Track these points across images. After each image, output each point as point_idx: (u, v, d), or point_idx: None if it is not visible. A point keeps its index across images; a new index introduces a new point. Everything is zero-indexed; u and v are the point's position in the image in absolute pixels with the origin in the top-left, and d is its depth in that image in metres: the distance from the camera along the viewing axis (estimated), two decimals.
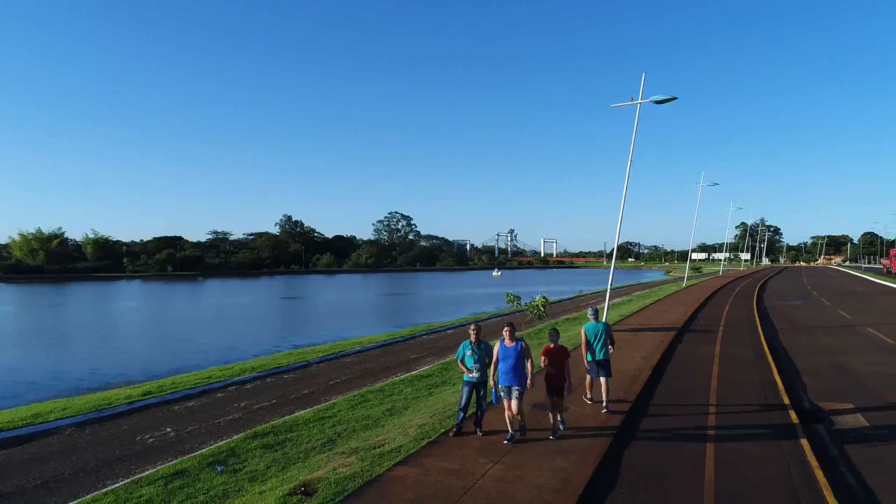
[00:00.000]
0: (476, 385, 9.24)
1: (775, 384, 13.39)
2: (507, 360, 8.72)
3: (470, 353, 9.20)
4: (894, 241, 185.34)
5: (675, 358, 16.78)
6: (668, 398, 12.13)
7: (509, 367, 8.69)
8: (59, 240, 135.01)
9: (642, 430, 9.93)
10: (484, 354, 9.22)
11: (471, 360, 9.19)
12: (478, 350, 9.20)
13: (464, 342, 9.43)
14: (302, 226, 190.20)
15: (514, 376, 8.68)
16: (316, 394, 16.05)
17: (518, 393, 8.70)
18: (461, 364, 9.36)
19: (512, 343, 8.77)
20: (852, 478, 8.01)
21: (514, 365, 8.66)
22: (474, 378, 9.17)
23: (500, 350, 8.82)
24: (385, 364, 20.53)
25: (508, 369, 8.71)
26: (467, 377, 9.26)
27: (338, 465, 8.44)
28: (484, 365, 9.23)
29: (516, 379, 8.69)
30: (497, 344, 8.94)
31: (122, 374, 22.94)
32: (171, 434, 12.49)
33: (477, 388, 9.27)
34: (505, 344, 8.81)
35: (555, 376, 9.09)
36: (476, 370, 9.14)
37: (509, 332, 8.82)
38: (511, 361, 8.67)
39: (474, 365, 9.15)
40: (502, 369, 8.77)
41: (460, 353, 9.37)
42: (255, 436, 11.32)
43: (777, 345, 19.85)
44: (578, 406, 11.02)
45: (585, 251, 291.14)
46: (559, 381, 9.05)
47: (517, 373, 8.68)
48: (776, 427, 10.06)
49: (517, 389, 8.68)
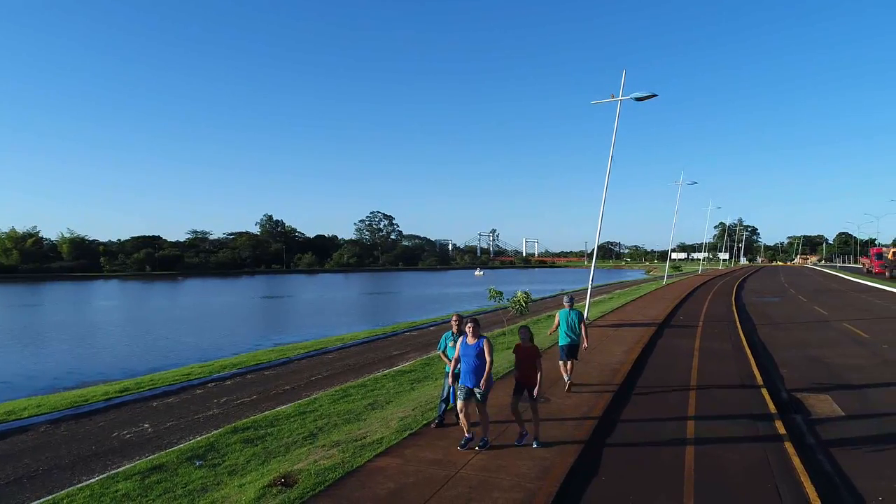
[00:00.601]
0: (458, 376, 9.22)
1: (753, 376, 13.56)
2: (468, 358, 8.11)
3: (452, 343, 9.19)
4: (867, 241, 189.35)
5: (656, 351, 16.92)
6: (648, 389, 12.21)
7: (470, 366, 8.07)
8: (33, 239, 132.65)
9: (623, 419, 9.99)
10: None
11: (453, 350, 9.18)
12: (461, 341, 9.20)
13: (446, 333, 9.42)
14: (283, 225, 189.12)
15: (473, 375, 8.09)
16: (297, 389, 15.93)
17: (480, 395, 8.14)
18: (443, 355, 9.35)
19: (474, 340, 8.17)
20: (829, 464, 8.12)
21: (474, 363, 8.05)
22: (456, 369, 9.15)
23: (462, 347, 8.23)
24: (367, 360, 20.44)
25: (470, 368, 8.08)
26: (448, 368, 9.24)
27: (319, 457, 8.37)
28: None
29: (476, 378, 8.09)
30: (459, 341, 8.37)
31: (100, 373, 22.56)
32: (148, 430, 12.30)
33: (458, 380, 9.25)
34: (467, 341, 8.21)
35: (525, 376, 8.52)
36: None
37: (472, 328, 8.22)
38: (472, 360, 8.07)
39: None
40: (463, 368, 8.16)
41: (442, 343, 9.37)
42: (235, 430, 11.19)
43: (755, 339, 20.11)
44: (560, 398, 11.05)
45: (567, 251, 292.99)
46: (530, 381, 8.47)
47: (479, 372, 8.08)
48: (754, 416, 10.17)
49: (478, 390, 8.12)
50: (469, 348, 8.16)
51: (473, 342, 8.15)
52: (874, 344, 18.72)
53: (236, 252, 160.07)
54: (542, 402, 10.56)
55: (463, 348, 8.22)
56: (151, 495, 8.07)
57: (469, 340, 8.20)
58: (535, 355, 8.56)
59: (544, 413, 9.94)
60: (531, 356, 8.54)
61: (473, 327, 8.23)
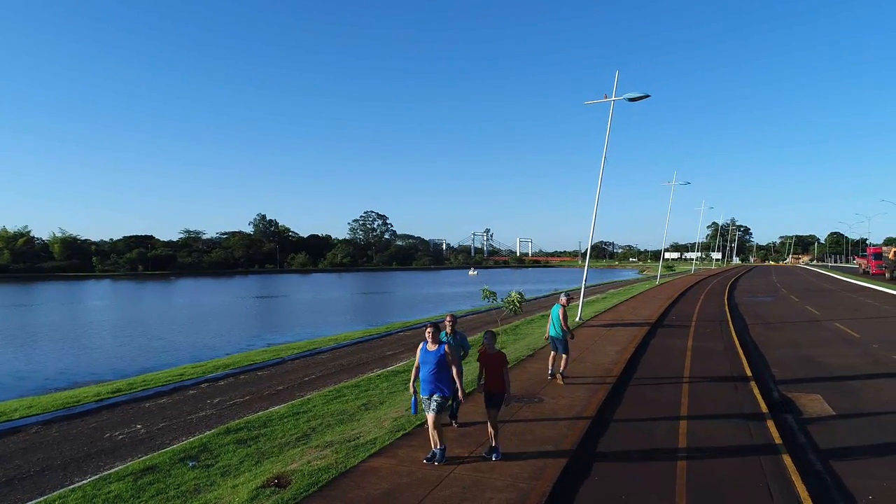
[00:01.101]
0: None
1: (745, 376, 13.62)
2: (427, 365, 7.61)
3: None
4: (859, 241, 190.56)
5: (649, 351, 16.99)
6: (641, 389, 12.26)
7: (429, 373, 7.56)
8: (24, 238, 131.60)
9: (616, 419, 10.02)
10: (459, 345, 9.22)
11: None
12: (453, 341, 9.21)
13: (440, 333, 9.43)
14: (276, 225, 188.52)
15: (434, 384, 7.56)
16: (290, 389, 15.89)
17: (436, 404, 7.55)
18: None
19: (434, 346, 7.68)
20: (820, 464, 8.18)
21: (435, 371, 7.54)
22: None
23: (421, 354, 7.73)
24: (360, 360, 20.41)
25: (428, 376, 7.57)
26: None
27: (312, 457, 8.36)
28: (459, 356, 9.24)
29: (437, 387, 7.57)
30: (419, 347, 7.86)
31: (92, 374, 22.46)
32: (141, 431, 12.24)
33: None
34: (427, 347, 7.71)
35: (491, 385, 7.92)
36: None
37: (431, 333, 7.70)
38: (431, 367, 7.56)
39: None
40: (422, 376, 7.65)
41: None
42: (228, 431, 11.16)
43: (747, 339, 20.22)
44: (553, 398, 11.08)
45: (561, 251, 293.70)
46: (497, 389, 7.87)
47: (438, 380, 7.56)
48: (746, 416, 10.24)
49: (436, 400, 7.54)
50: (429, 355, 7.67)
51: (434, 348, 7.68)
52: (865, 343, 18.85)
53: (229, 252, 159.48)
54: (535, 403, 10.63)
55: (422, 355, 7.73)
56: (144, 496, 8.04)
57: (429, 346, 7.72)
58: (502, 362, 7.96)
59: (536, 413, 9.98)
60: (498, 363, 7.96)
61: (433, 332, 7.72)
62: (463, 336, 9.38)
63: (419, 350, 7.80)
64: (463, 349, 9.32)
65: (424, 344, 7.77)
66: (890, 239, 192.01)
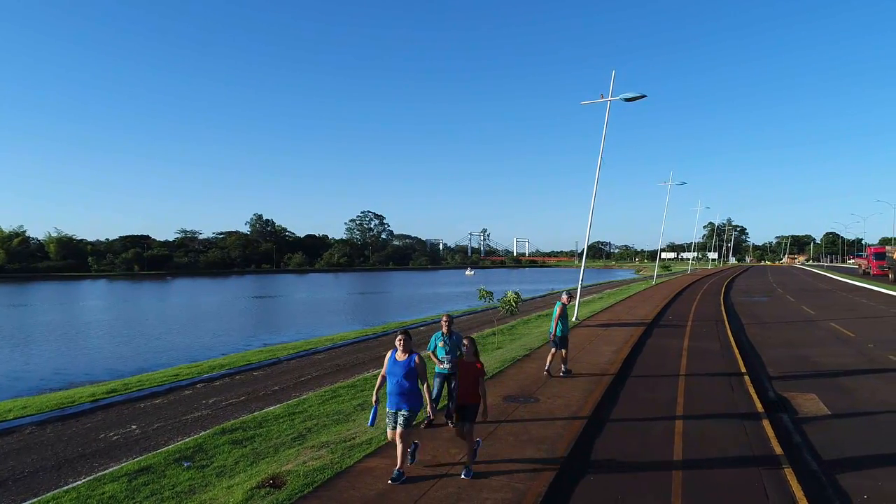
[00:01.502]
0: (447, 377, 9.24)
1: (741, 375, 13.64)
2: (395, 376, 7.00)
3: (441, 344, 9.21)
4: (854, 241, 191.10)
5: (645, 351, 16.99)
6: (637, 389, 12.26)
7: (397, 385, 6.96)
8: (20, 238, 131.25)
9: (613, 419, 10.02)
10: (455, 346, 9.22)
11: (442, 351, 9.19)
12: (449, 341, 9.20)
13: (436, 333, 9.43)
14: (273, 225, 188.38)
15: (401, 397, 6.96)
16: (286, 390, 15.87)
17: (404, 419, 6.93)
18: (432, 355, 9.35)
19: (404, 356, 7.05)
20: (815, 463, 8.19)
21: (402, 383, 6.94)
22: (445, 369, 9.16)
23: (389, 364, 7.11)
24: (357, 360, 20.40)
25: (396, 389, 6.97)
26: (438, 368, 9.26)
27: (308, 458, 8.34)
28: (455, 356, 9.23)
29: (404, 400, 6.95)
30: (387, 355, 7.22)
31: (87, 374, 22.44)
32: (136, 431, 12.21)
33: (448, 380, 9.26)
34: (395, 357, 7.09)
35: (464, 395, 7.27)
36: (447, 361, 9.14)
37: (402, 341, 7.10)
38: (399, 379, 6.95)
39: (446, 356, 9.15)
40: (389, 388, 7.06)
41: (432, 344, 9.37)
42: (223, 431, 11.14)
43: (743, 339, 20.26)
44: (549, 398, 11.07)
45: (557, 251, 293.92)
46: (470, 400, 7.24)
47: (406, 393, 6.96)
48: (742, 416, 10.23)
49: (403, 414, 6.93)
50: (398, 366, 7.04)
51: (403, 358, 7.06)
52: (860, 343, 18.90)
53: (226, 252, 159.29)
54: (531, 403, 10.62)
55: (391, 365, 7.10)
56: (139, 497, 8.01)
57: (398, 356, 7.10)
58: (480, 373, 7.31)
59: (532, 413, 9.97)
60: (475, 373, 7.29)
61: (404, 340, 7.11)
62: (459, 336, 9.37)
63: (387, 359, 7.18)
64: (459, 350, 9.32)
65: (393, 353, 7.15)
66: (885, 239, 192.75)
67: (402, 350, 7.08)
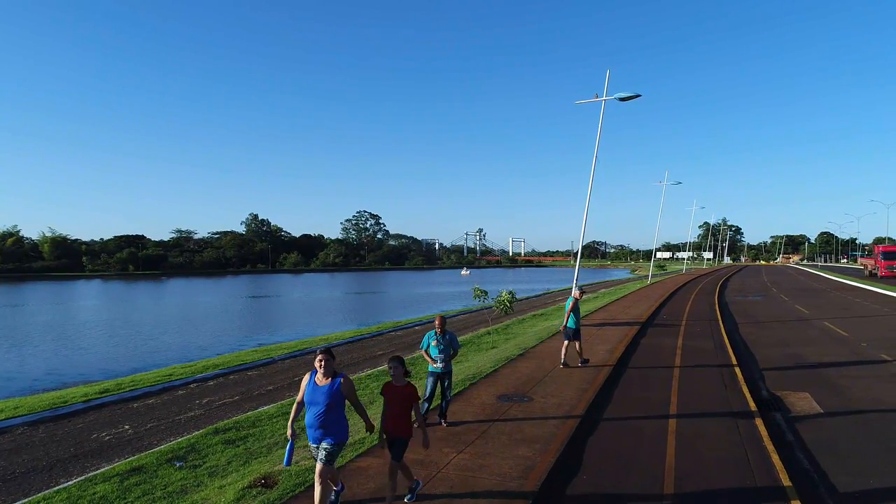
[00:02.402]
0: (440, 376, 9.23)
1: (735, 374, 13.67)
2: (316, 405, 5.74)
3: (435, 343, 9.20)
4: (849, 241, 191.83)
5: (640, 350, 17.02)
6: (632, 388, 12.27)
7: (317, 416, 5.74)
8: (13, 238, 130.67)
9: (606, 418, 10.02)
10: (449, 345, 9.22)
11: (435, 350, 9.18)
12: (442, 340, 9.20)
13: (429, 332, 9.42)
14: (269, 224, 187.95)
15: (323, 429, 5.78)
16: (280, 390, 15.83)
17: (326, 453, 5.76)
18: (426, 354, 9.34)
19: (326, 380, 5.79)
20: (807, 461, 8.21)
21: (325, 413, 5.72)
22: (438, 368, 9.16)
23: (307, 390, 5.82)
24: (352, 360, 20.37)
25: (315, 421, 5.76)
26: (431, 367, 9.25)
27: (300, 457, 8.31)
28: (449, 356, 9.23)
29: (327, 432, 5.79)
30: (305, 379, 5.92)
31: (81, 374, 22.37)
32: (128, 431, 12.16)
33: (441, 379, 9.26)
34: (315, 381, 5.83)
35: (393, 426, 6.24)
36: (441, 360, 9.13)
37: (323, 363, 5.80)
38: (320, 408, 5.72)
39: (439, 355, 9.14)
40: (308, 420, 5.83)
41: (425, 342, 9.36)
42: (216, 431, 11.10)
43: (737, 338, 20.30)
44: (543, 397, 11.07)
45: (553, 250, 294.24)
46: (399, 433, 6.23)
47: (329, 424, 5.77)
48: (735, 414, 10.26)
49: (325, 448, 5.77)
50: (318, 392, 5.77)
51: (325, 383, 5.79)
52: (854, 342, 18.96)
53: (221, 252, 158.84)
54: (525, 402, 10.62)
55: (309, 392, 5.81)
56: (130, 497, 7.97)
57: (319, 380, 5.82)
58: (411, 398, 6.34)
59: (526, 412, 9.96)
60: (405, 398, 6.31)
61: (325, 361, 5.80)
62: (452, 335, 9.37)
63: (304, 384, 5.90)
64: (452, 349, 9.31)
65: (312, 375, 5.89)
66: (879, 238, 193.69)
67: (322, 373, 5.81)
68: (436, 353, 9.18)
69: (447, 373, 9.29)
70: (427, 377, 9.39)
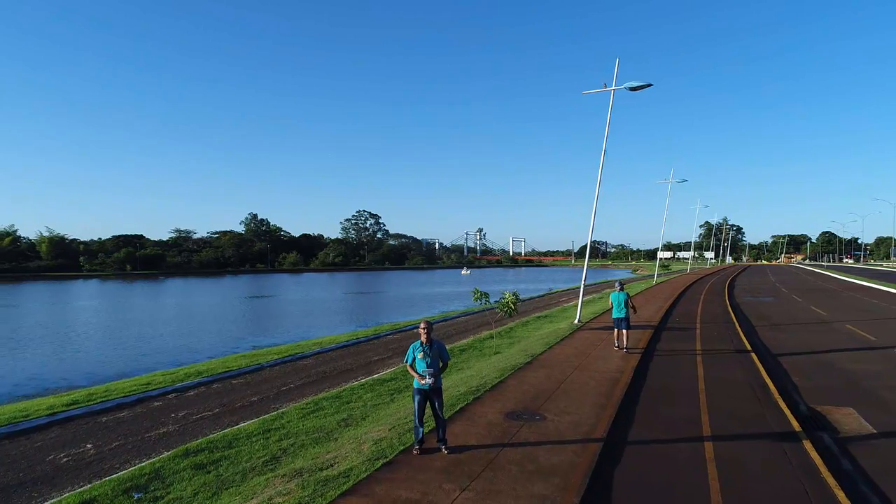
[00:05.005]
0: (429, 393, 7.89)
1: (766, 385, 12.35)
2: None
3: (421, 355, 7.85)
4: (851, 241, 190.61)
5: (656, 357, 15.66)
6: (654, 404, 10.93)
7: None
8: (10, 237, 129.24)
9: (631, 441, 8.70)
10: (437, 356, 7.88)
11: (422, 363, 7.83)
12: (430, 351, 7.85)
13: (413, 343, 8.09)
14: (268, 224, 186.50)
15: None
16: (265, 401, 14.52)
17: None
18: (411, 368, 8.00)
19: None
20: (876, 497, 6.90)
21: None
22: (426, 385, 7.79)
23: None
24: (345, 367, 19.04)
25: None
26: (418, 384, 7.88)
27: (275, 492, 7.04)
28: (438, 369, 7.89)
29: None
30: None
31: (64, 379, 21.19)
32: (90, 452, 10.84)
33: (430, 398, 7.92)
34: None
35: None
36: (429, 375, 7.76)
37: None
38: None
39: (427, 370, 7.77)
40: None
41: (410, 355, 8.03)
42: (186, 453, 9.80)
43: (757, 342, 18.98)
44: (557, 415, 9.75)
45: (553, 250, 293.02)
46: None
47: None
48: (778, 436, 8.94)
49: None
50: None
51: None
52: (884, 347, 17.66)
53: (220, 251, 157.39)
54: (536, 421, 9.30)
55: None
56: None
57: None
58: None
59: (539, 434, 8.62)
60: None
61: None
62: (441, 345, 8.04)
63: None
64: (442, 361, 7.98)
65: None
66: (881, 238, 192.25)
67: None
68: (423, 366, 7.81)
69: (437, 389, 7.92)
70: (413, 395, 8.00)
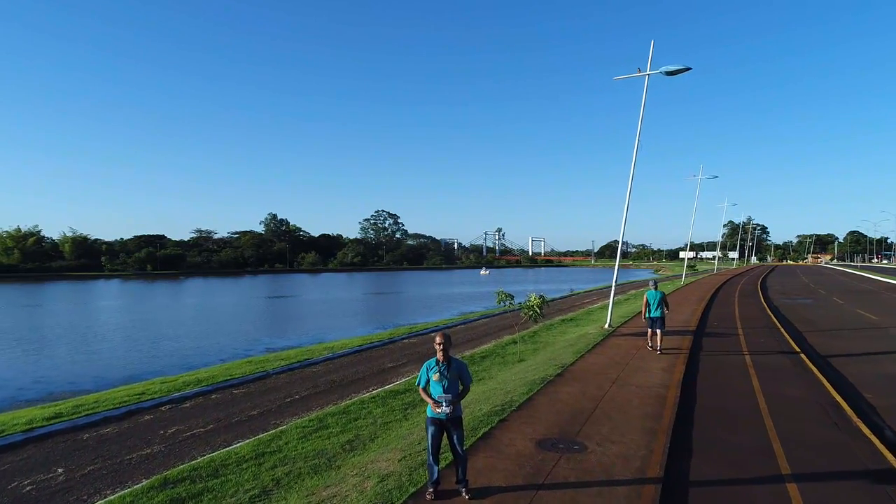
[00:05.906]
0: (446, 423, 6.31)
1: (838, 405, 10.63)
2: None
3: (437, 377, 6.26)
4: (882, 240, 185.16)
5: (703, 368, 13.92)
6: (712, 429, 9.27)
7: None
8: (35, 238, 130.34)
9: (695, 482, 7.07)
10: (456, 378, 6.31)
11: (437, 387, 6.24)
12: (447, 372, 6.28)
13: (427, 361, 6.48)
14: (287, 224, 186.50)
15: None
16: (265, 415, 13.11)
17: None
18: (423, 393, 6.42)
19: None
20: None
21: None
22: (443, 414, 6.21)
23: None
24: (356, 375, 17.59)
25: None
26: (432, 412, 6.30)
27: None
28: (457, 394, 6.31)
29: None
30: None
31: (70, 383, 20.37)
32: (59, 478, 9.47)
33: (448, 428, 6.34)
34: None
35: None
36: (446, 402, 6.16)
37: None
38: None
39: (444, 395, 6.19)
40: None
41: (423, 377, 6.42)
42: (164, 483, 8.39)
43: (810, 350, 17.15)
44: (600, 444, 8.16)
45: (573, 250, 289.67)
46: None
47: None
48: (875, 474, 7.27)
49: None
50: None
51: None
52: None
53: (239, 251, 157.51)
54: (576, 452, 7.74)
55: None
56: None
57: None
58: None
59: (580, 470, 7.00)
60: None
61: None
62: (462, 365, 6.45)
63: None
64: (462, 384, 6.40)
65: None
66: None
67: None
68: (438, 391, 6.22)
69: (456, 419, 6.32)
70: (426, 426, 6.43)
